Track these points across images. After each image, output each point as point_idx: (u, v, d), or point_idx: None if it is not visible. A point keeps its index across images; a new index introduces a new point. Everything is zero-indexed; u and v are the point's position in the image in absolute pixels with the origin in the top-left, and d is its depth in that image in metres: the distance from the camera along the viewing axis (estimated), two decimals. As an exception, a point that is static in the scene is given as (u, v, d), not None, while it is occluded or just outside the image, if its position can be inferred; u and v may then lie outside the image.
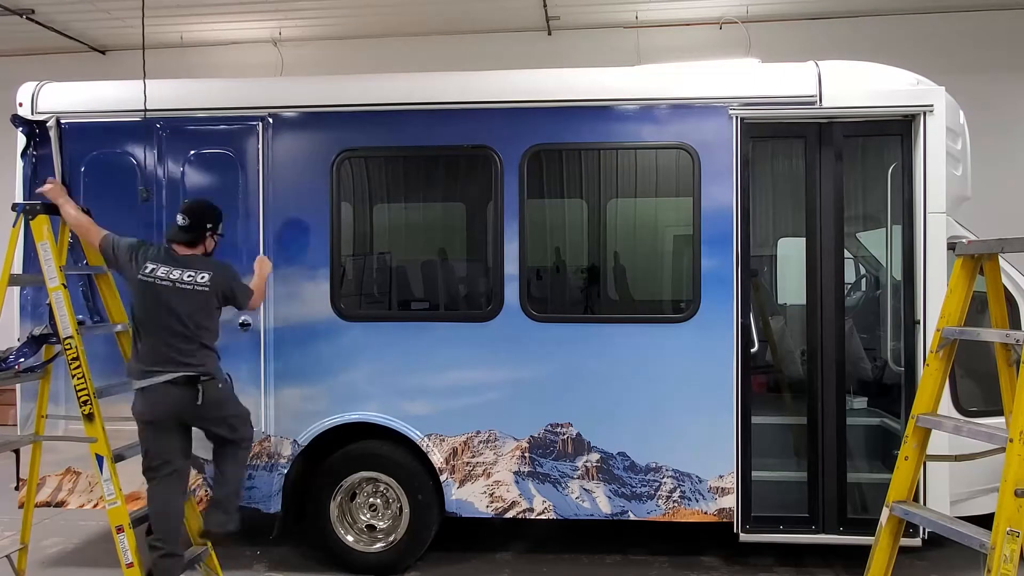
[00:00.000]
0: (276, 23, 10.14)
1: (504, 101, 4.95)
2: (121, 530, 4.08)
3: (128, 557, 4.07)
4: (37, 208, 4.25)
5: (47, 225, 4.22)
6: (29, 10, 9.59)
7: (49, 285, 4.17)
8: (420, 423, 4.92)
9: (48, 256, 4.17)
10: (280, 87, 5.49)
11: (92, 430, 4.13)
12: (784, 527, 4.83)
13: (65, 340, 4.13)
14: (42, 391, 4.56)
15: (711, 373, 4.76)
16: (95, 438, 4.13)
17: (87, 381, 4.11)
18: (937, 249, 4.65)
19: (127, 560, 4.06)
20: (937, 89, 4.77)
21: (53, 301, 4.15)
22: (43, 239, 4.19)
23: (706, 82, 4.92)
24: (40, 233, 4.20)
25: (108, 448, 4.15)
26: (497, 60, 9.46)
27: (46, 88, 5.20)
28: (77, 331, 4.14)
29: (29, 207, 4.25)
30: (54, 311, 4.15)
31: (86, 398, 4.11)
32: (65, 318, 4.13)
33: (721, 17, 9.76)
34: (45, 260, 4.17)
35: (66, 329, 4.13)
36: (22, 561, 4.59)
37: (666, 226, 5.35)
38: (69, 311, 4.14)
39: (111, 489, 4.10)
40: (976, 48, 9.46)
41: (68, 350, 4.12)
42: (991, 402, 4.37)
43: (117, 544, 4.09)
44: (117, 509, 4.10)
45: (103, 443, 4.13)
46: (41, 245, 4.18)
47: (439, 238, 5.76)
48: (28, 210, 4.24)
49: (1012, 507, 3.05)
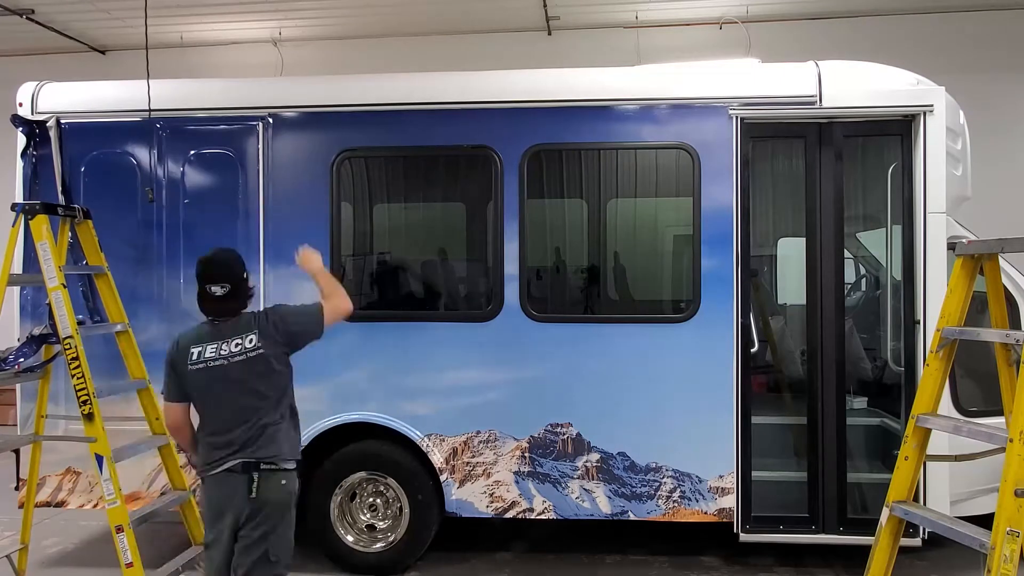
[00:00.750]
0: (276, 23, 10.14)
1: (504, 101, 4.95)
2: (121, 530, 4.07)
3: (128, 557, 4.06)
4: (37, 208, 4.23)
5: (46, 225, 4.20)
6: (29, 10, 9.59)
7: (48, 285, 4.15)
8: (420, 423, 4.92)
9: (47, 256, 4.15)
10: (280, 87, 5.50)
11: (92, 430, 4.12)
12: (784, 527, 4.83)
13: (65, 340, 4.11)
14: (42, 391, 4.56)
15: (711, 373, 4.76)
16: (95, 438, 4.12)
17: (87, 381, 4.10)
18: (937, 249, 4.65)
19: (127, 560, 4.05)
20: (937, 89, 4.77)
21: (52, 301, 4.14)
22: (42, 239, 4.17)
23: (706, 82, 4.92)
24: (39, 233, 4.18)
25: (108, 448, 4.13)
26: (497, 60, 9.46)
27: (46, 88, 5.20)
28: (77, 331, 4.13)
29: (28, 207, 4.23)
30: (54, 311, 4.14)
31: (85, 398, 4.10)
32: (64, 318, 4.12)
33: (721, 17, 9.76)
34: (44, 260, 4.15)
35: (66, 329, 4.12)
36: (22, 561, 4.59)
37: (666, 226, 5.34)
38: (69, 311, 4.12)
39: (111, 489, 4.09)
40: (976, 48, 9.46)
41: (68, 350, 4.11)
42: (991, 402, 4.37)
43: (117, 544, 4.08)
44: (117, 509, 4.09)
45: (103, 443, 4.12)
46: (40, 245, 4.17)
47: (439, 238, 5.76)
48: (28, 210, 4.22)
49: (1012, 507, 3.05)
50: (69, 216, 4.42)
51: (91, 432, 4.13)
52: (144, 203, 5.04)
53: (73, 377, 4.10)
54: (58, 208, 4.37)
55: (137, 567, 4.07)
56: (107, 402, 4.25)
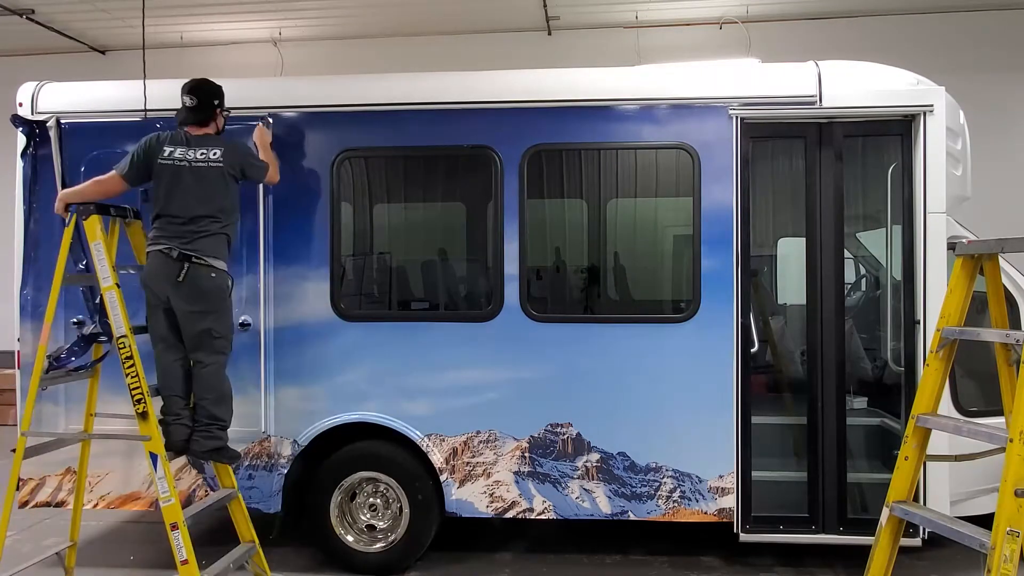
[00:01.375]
0: (276, 23, 10.16)
1: (504, 101, 4.95)
2: (175, 527, 4.07)
3: (183, 555, 4.06)
4: (91, 209, 4.27)
5: (100, 225, 4.25)
6: (29, 10, 9.60)
7: (103, 285, 4.19)
8: (420, 423, 4.92)
9: (101, 256, 4.19)
10: (280, 87, 5.50)
11: (146, 428, 4.15)
12: (784, 527, 4.83)
13: (119, 339, 4.15)
14: (91, 389, 4.60)
15: (711, 373, 4.76)
16: (149, 436, 4.14)
17: (140, 379, 4.13)
18: (937, 249, 4.65)
19: (182, 558, 4.06)
20: (937, 89, 4.77)
21: (107, 301, 4.17)
22: (96, 239, 4.21)
23: (706, 82, 4.92)
24: (93, 233, 4.22)
25: (162, 446, 4.16)
26: (497, 60, 9.47)
27: (46, 88, 5.20)
28: (131, 331, 4.16)
29: (83, 208, 4.26)
30: (108, 311, 4.18)
31: (140, 396, 4.13)
32: (119, 317, 4.15)
33: (721, 17, 9.77)
34: (99, 260, 4.19)
35: (120, 328, 4.15)
36: (71, 559, 4.71)
37: (666, 226, 5.35)
38: (123, 310, 4.16)
39: (165, 487, 4.09)
40: (976, 48, 9.48)
41: (122, 349, 4.14)
42: (991, 402, 4.37)
43: (172, 542, 4.07)
44: (171, 507, 4.09)
45: (157, 441, 4.14)
46: (95, 245, 4.21)
47: (439, 238, 5.76)
48: (82, 211, 4.26)
49: (1012, 507, 3.05)
50: (120, 216, 4.50)
51: (145, 431, 4.16)
52: (144, 203, 5.03)
53: (127, 376, 4.14)
54: (110, 209, 4.43)
55: (192, 564, 4.07)
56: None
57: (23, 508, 5.05)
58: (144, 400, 4.13)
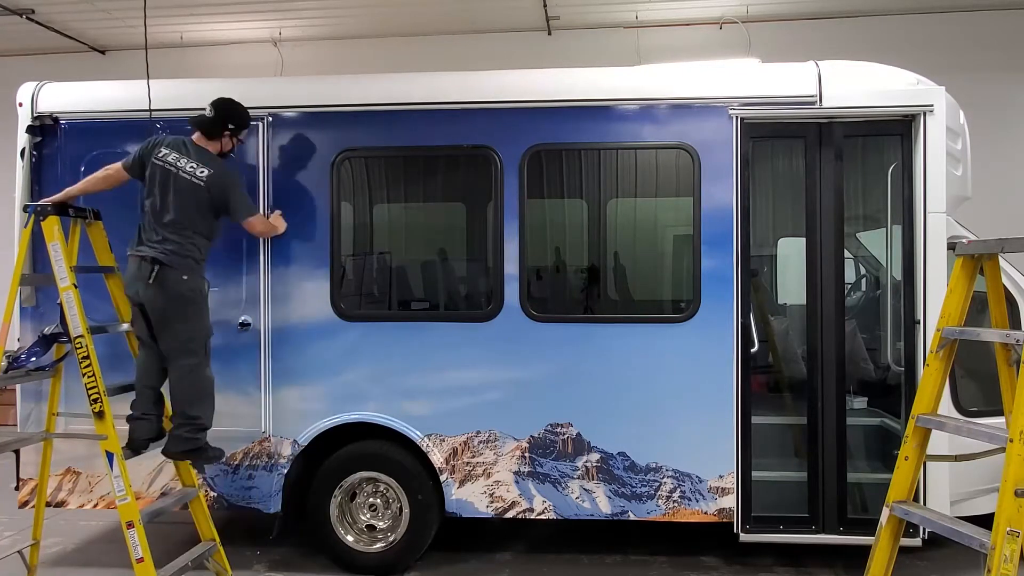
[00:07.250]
0: (276, 23, 10.15)
1: (504, 101, 4.94)
2: (131, 526, 4.10)
3: (139, 553, 4.08)
4: (48, 209, 4.28)
5: (58, 226, 4.26)
6: (29, 10, 9.60)
7: (60, 285, 4.20)
8: (420, 423, 4.92)
9: (59, 256, 4.21)
10: (280, 87, 5.49)
11: (102, 428, 4.16)
12: (784, 527, 4.83)
13: (76, 339, 4.16)
14: (53, 390, 4.60)
15: (711, 373, 4.76)
16: (105, 435, 4.16)
17: (97, 379, 4.15)
18: (937, 249, 4.65)
19: (137, 556, 4.08)
20: (937, 89, 4.77)
21: (64, 301, 4.19)
22: (54, 240, 4.23)
23: (706, 82, 4.92)
24: (51, 234, 4.24)
25: (118, 445, 4.18)
26: (497, 60, 9.46)
27: (46, 88, 5.20)
28: (88, 331, 4.18)
29: (40, 208, 4.29)
30: (65, 311, 4.19)
31: (96, 396, 4.15)
32: (76, 318, 4.17)
33: (721, 17, 9.77)
34: (56, 260, 4.21)
35: (76, 329, 4.16)
36: (34, 557, 4.66)
37: (666, 226, 5.35)
38: (80, 311, 4.17)
39: (121, 486, 4.13)
40: (976, 48, 9.47)
41: (79, 349, 4.16)
42: (991, 402, 4.37)
43: (128, 540, 4.10)
44: (127, 505, 4.12)
45: (113, 440, 4.16)
46: (52, 246, 4.22)
47: (439, 238, 5.76)
48: (39, 211, 4.27)
49: (1012, 507, 3.05)
50: (80, 217, 4.49)
51: (102, 430, 4.17)
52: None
53: (84, 376, 4.15)
54: (69, 209, 4.43)
55: (147, 563, 4.09)
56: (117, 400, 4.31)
57: (23, 508, 5.05)
58: (100, 400, 4.15)
